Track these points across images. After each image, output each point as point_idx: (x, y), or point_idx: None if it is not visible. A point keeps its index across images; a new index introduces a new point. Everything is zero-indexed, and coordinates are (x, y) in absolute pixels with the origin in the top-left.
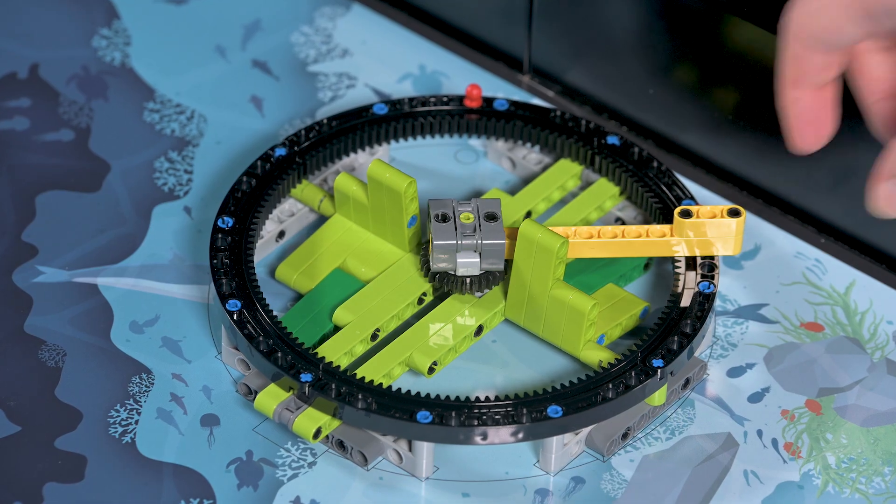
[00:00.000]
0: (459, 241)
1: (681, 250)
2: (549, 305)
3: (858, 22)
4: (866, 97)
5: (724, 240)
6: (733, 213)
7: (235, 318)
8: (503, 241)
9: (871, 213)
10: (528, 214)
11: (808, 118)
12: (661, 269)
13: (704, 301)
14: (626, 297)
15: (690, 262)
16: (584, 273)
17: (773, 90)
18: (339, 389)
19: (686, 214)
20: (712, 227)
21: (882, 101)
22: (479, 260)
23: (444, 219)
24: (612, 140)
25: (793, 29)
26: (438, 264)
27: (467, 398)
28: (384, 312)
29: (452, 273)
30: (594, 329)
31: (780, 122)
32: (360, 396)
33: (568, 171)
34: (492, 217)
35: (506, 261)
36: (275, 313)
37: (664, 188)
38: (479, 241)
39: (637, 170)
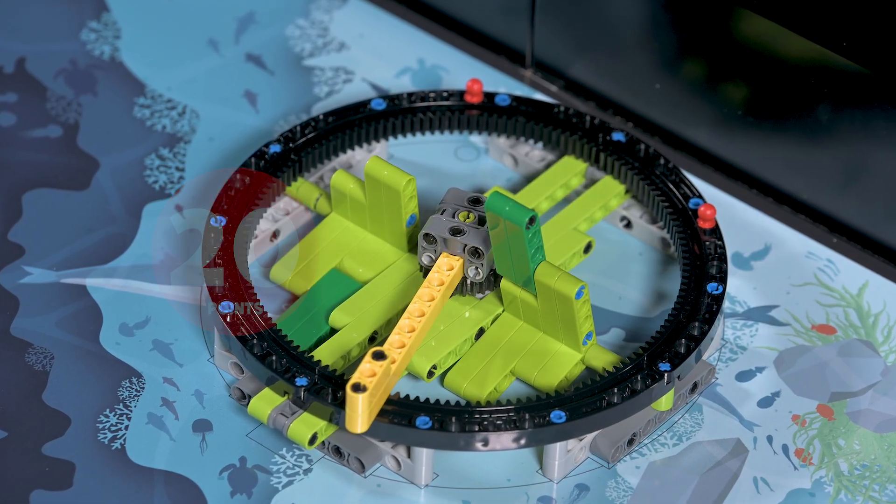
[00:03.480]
0: (445, 237)
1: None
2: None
3: None
4: None
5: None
6: (378, 356)
7: (229, 320)
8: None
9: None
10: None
11: None
12: (668, 268)
13: (713, 303)
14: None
15: (697, 263)
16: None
17: (783, 84)
18: (336, 394)
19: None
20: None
21: None
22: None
23: (445, 211)
24: (618, 136)
25: None
26: (422, 257)
27: (468, 403)
28: (382, 315)
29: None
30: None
31: None
32: None
33: (572, 169)
34: (483, 222)
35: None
36: (269, 315)
37: (671, 186)
38: (464, 244)
39: (643, 167)
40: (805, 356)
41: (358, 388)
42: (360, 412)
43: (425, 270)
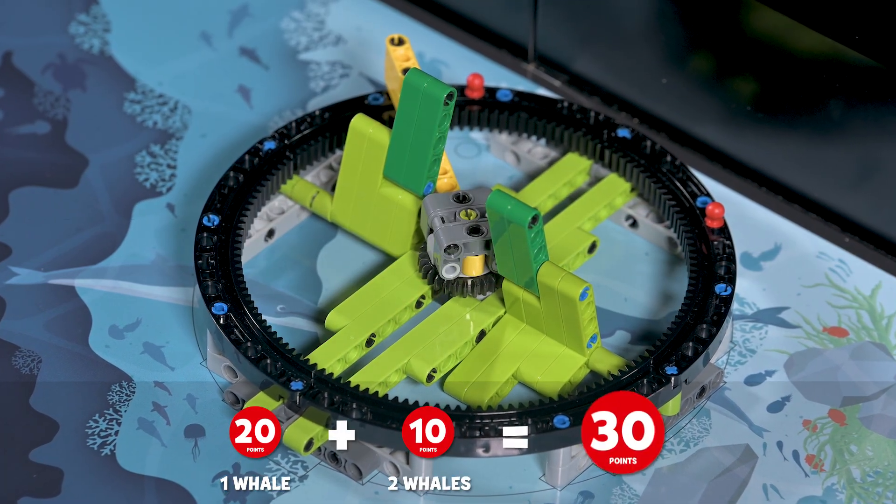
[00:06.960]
0: (464, 242)
1: None
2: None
3: None
4: None
5: None
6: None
7: (222, 322)
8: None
9: None
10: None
11: None
12: (675, 269)
13: (721, 304)
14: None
15: (705, 263)
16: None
17: (794, 79)
18: (332, 398)
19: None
20: None
21: None
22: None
23: (445, 219)
24: (623, 133)
25: None
26: (448, 274)
27: (469, 407)
28: (380, 316)
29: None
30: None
31: None
32: (354, 406)
33: (576, 166)
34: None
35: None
36: (264, 317)
37: (678, 184)
38: (486, 239)
39: (649, 164)
40: (816, 359)
41: None
42: None
43: (447, 285)
